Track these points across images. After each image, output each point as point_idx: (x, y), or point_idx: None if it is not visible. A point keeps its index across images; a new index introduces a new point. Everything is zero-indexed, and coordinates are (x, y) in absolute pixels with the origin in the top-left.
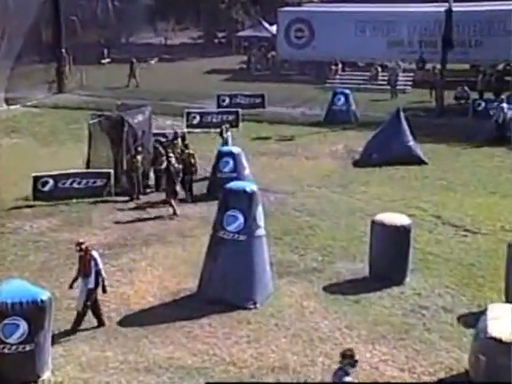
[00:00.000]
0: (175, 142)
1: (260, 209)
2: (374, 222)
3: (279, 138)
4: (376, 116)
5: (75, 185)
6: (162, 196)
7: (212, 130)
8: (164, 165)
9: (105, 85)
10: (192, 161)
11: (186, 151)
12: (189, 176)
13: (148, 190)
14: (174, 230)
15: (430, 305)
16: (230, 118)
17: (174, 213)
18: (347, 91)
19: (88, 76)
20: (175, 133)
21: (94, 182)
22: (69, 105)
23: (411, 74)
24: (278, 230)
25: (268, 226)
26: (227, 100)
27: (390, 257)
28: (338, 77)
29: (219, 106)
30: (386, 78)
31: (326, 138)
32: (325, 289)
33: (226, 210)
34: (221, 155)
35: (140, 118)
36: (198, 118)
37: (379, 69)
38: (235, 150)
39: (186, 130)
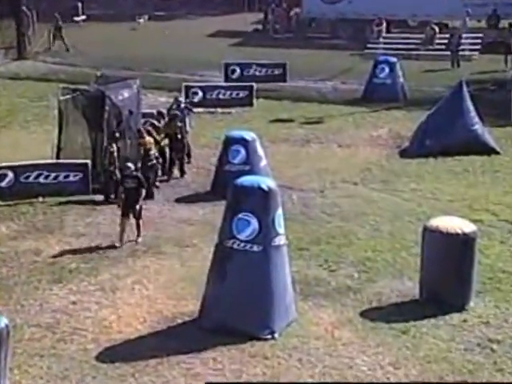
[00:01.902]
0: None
1: (280, 211)
2: (426, 229)
3: (304, 120)
4: (431, 91)
5: (42, 179)
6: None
7: (219, 110)
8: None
9: (79, 49)
10: (179, 136)
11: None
12: (178, 154)
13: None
14: (168, 238)
15: (503, 338)
16: (242, 94)
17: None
18: (393, 59)
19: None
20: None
21: (67, 177)
22: (32, 75)
23: (480, 35)
24: (303, 239)
25: (290, 234)
26: (238, 71)
27: (447, 274)
28: (381, 40)
29: (228, 79)
30: (445, 42)
31: (364, 121)
32: (362, 314)
33: (235, 212)
34: (229, 142)
35: (126, 93)
36: (200, 94)
37: (436, 29)
38: (248, 135)
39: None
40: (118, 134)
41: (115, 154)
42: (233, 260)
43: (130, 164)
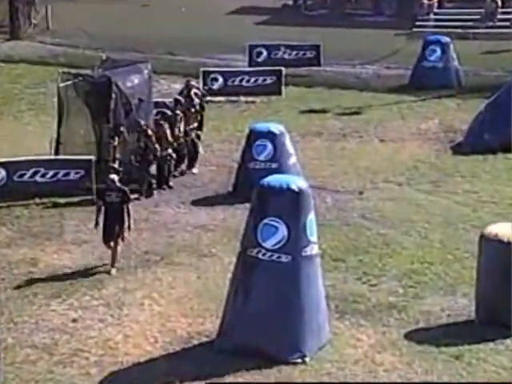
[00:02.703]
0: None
1: (312, 216)
2: (484, 237)
3: (341, 110)
4: (491, 77)
5: (38, 178)
6: (167, 196)
7: (242, 99)
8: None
9: (81, 29)
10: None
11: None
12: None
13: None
14: (184, 245)
15: None
16: (268, 80)
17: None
18: (446, 39)
19: (56, 15)
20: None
21: (67, 175)
22: (28, 58)
23: None
24: (339, 248)
25: (324, 242)
26: (264, 53)
27: (508, 290)
28: (432, 16)
29: (252, 63)
30: (509, 17)
31: (411, 111)
32: (408, 336)
33: (261, 217)
34: (254, 136)
35: (135, 79)
36: (220, 80)
37: (499, 2)
38: (276, 128)
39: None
40: (122, 128)
41: (116, 149)
42: (258, 272)
43: (113, 175)
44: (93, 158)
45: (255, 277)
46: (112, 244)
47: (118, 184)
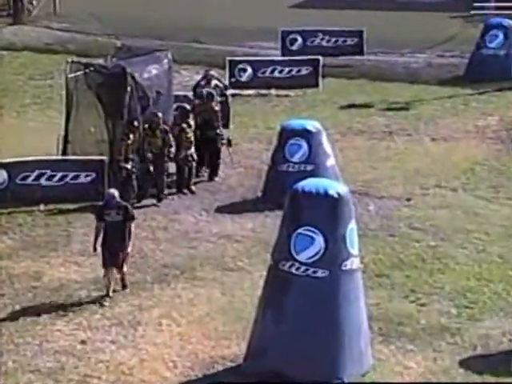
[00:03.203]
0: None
1: (353, 225)
2: None
3: (387, 105)
4: None
5: (43, 181)
6: (188, 202)
7: (273, 92)
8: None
9: (93, 12)
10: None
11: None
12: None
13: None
14: (207, 258)
15: None
16: (304, 71)
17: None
18: (510, 22)
19: None
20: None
21: (76, 178)
22: (32, 45)
23: None
24: (384, 262)
25: (366, 255)
26: (299, 41)
27: None
28: None
29: (286, 52)
30: None
31: (467, 106)
32: (463, 363)
33: (295, 226)
34: (287, 135)
35: (153, 70)
36: (249, 71)
37: None
38: (312, 125)
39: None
40: (136, 123)
41: (129, 148)
42: (291, 288)
43: (112, 190)
44: (105, 158)
45: (288, 294)
46: (115, 270)
47: (118, 199)
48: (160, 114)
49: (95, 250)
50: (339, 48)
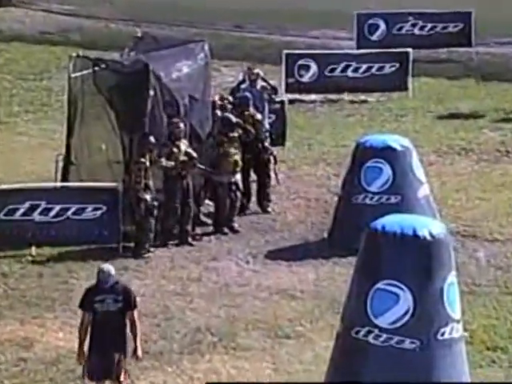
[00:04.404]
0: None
1: (453, 279)
2: None
3: (502, 115)
4: None
5: (37, 216)
6: (229, 244)
7: (346, 98)
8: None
9: None
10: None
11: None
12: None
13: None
14: (254, 320)
15: None
16: (388, 68)
17: None
18: None
19: None
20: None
21: (80, 211)
22: (24, 34)
23: None
24: (497, 330)
25: (473, 320)
26: (381, 27)
27: None
28: None
29: (362, 42)
30: None
31: None
32: None
33: (373, 279)
34: (365, 154)
35: (185, 67)
36: (313, 68)
37: None
38: (397, 142)
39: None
40: (152, 138)
41: (148, 174)
42: (368, 363)
43: (107, 266)
44: (119, 185)
45: (363, 371)
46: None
47: (115, 278)
48: (182, 125)
49: (81, 361)
50: (437, 37)
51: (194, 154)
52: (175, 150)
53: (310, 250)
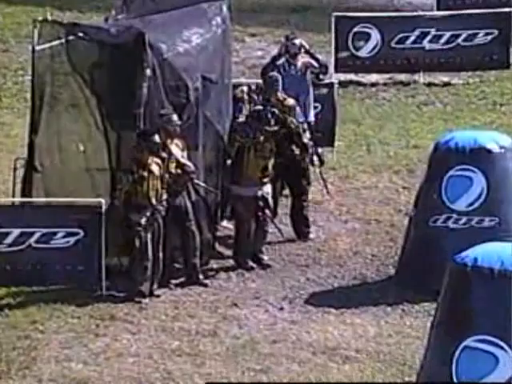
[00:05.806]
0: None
1: None
2: None
3: None
4: None
5: None
6: (256, 284)
7: (421, 79)
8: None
9: None
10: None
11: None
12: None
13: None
14: None
15: None
16: (482, 37)
17: None
18: None
19: None
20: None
21: (48, 239)
22: None
23: None
24: None
25: None
26: None
27: None
28: None
29: (443, 2)
30: None
31: None
32: None
33: (460, 334)
34: (447, 159)
35: (196, 37)
36: (374, 37)
37: None
38: (495, 141)
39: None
40: (156, 137)
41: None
42: None
43: None
44: (102, 201)
45: None
46: None
47: None
48: (175, 118)
49: None
50: None
51: (191, 166)
52: (164, 155)
53: (370, 293)
